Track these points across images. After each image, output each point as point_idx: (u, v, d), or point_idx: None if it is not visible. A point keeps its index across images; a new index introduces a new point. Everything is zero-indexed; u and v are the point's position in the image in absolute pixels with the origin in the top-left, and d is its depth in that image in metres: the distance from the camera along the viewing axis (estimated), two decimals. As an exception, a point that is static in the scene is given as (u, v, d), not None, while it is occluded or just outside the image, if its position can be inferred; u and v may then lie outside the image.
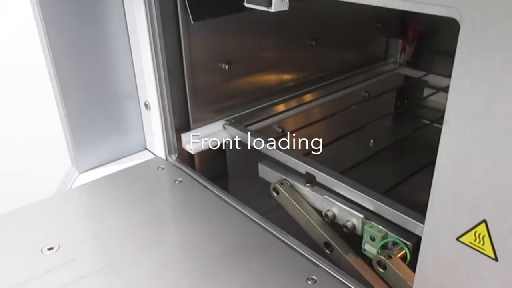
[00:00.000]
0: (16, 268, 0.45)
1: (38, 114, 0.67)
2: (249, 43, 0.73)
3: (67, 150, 0.62)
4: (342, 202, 0.53)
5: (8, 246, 0.49)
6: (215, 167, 0.62)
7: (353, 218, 0.51)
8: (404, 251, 0.46)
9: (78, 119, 0.60)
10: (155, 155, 0.67)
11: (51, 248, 0.48)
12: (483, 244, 0.31)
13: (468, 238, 0.31)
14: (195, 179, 0.59)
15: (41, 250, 0.47)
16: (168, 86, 0.62)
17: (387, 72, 0.97)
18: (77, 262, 0.45)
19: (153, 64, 0.59)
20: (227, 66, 0.70)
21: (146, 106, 0.64)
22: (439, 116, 0.29)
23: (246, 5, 0.47)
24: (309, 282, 0.42)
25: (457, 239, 0.32)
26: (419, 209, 0.35)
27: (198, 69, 0.66)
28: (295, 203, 0.55)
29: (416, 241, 0.45)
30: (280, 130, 0.76)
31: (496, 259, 0.30)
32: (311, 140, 0.74)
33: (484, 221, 0.30)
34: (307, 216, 0.55)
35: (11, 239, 0.50)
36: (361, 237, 0.50)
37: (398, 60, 0.99)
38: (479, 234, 0.31)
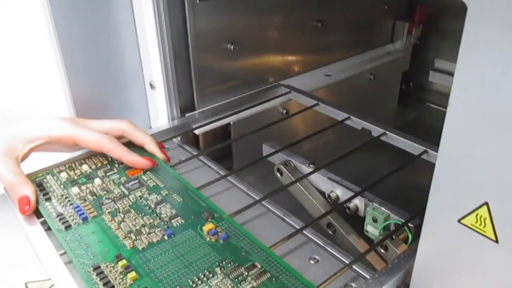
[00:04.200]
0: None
1: (43, 95, 0.67)
2: (255, 24, 0.73)
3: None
4: (345, 184, 0.53)
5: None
6: (219, 148, 0.63)
7: (356, 200, 0.51)
8: (405, 233, 0.47)
9: (83, 99, 0.60)
10: (160, 135, 0.67)
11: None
12: (484, 226, 0.31)
13: (469, 220, 0.32)
14: (200, 160, 0.59)
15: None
16: (173, 65, 0.62)
17: (392, 55, 0.97)
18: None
19: (159, 43, 0.59)
20: (232, 47, 0.70)
21: (151, 86, 0.64)
22: (444, 100, 0.29)
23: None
24: (312, 262, 0.43)
25: (459, 221, 0.32)
26: (422, 192, 0.36)
27: (203, 49, 0.66)
28: (298, 184, 0.56)
29: (417, 223, 0.46)
30: (285, 111, 0.76)
31: (496, 241, 0.31)
32: (315, 122, 0.75)
33: (486, 203, 0.30)
34: (310, 197, 0.56)
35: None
36: (364, 218, 0.51)
37: (404, 43, 0.98)
38: (481, 217, 0.31)
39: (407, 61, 1.01)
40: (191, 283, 0.37)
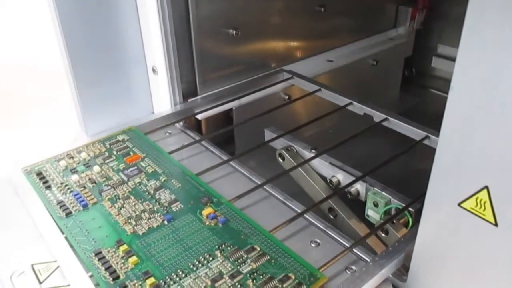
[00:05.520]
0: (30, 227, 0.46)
1: (46, 80, 0.68)
2: (257, 9, 0.73)
3: (76, 114, 0.63)
4: (346, 169, 0.54)
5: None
6: (221, 133, 0.63)
7: (357, 185, 0.51)
8: (406, 217, 0.47)
9: (86, 84, 0.60)
10: (162, 120, 0.67)
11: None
12: (484, 210, 0.31)
13: (469, 204, 0.32)
14: (202, 145, 0.59)
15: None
16: (175, 50, 0.62)
17: (395, 40, 0.96)
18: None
19: (161, 28, 0.59)
20: (234, 32, 0.69)
21: (154, 70, 0.64)
22: (447, 85, 0.29)
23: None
24: (313, 245, 0.43)
25: (459, 204, 0.33)
26: (423, 177, 0.36)
27: (205, 34, 0.66)
28: (300, 169, 0.56)
29: (418, 208, 0.46)
30: (287, 97, 0.76)
31: (496, 225, 0.31)
32: (318, 107, 0.75)
33: (486, 187, 0.30)
34: (312, 182, 0.56)
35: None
36: (365, 203, 0.51)
37: (407, 29, 0.98)
38: (481, 200, 0.31)
39: (410, 46, 1.00)
40: (191, 266, 0.38)
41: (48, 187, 0.48)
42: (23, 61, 0.68)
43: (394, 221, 0.47)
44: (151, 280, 0.37)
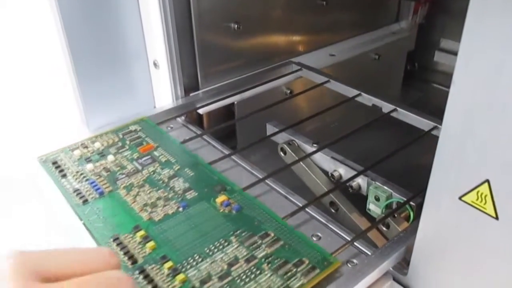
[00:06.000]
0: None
1: (46, 75, 0.68)
2: (258, 3, 0.72)
3: (77, 109, 0.63)
4: (348, 163, 0.54)
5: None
6: (223, 128, 0.63)
7: (359, 179, 0.52)
8: (407, 211, 0.47)
9: (87, 78, 0.60)
10: (164, 114, 0.67)
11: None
12: (484, 203, 0.31)
13: (470, 198, 0.32)
14: (204, 139, 0.59)
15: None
16: (177, 44, 0.62)
17: (398, 34, 0.96)
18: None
19: (162, 22, 0.59)
20: (236, 26, 0.69)
21: (155, 65, 0.64)
22: (449, 80, 0.29)
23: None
24: (314, 238, 0.44)
25: (460, 198, 0.33)
26: (425, 171, 0.36)
27: (206, 28, 0.66)
28: (302, 163, 0.56)
29: (419, 202, 0.46)
30: (289, 91, 0.76)
31: (496, 218, 0.31)
32: (319, 101, 0.75)
33: (487, 181, 0.31)
34: (314, 176, 0.56)
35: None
36: (366, 197, 0.51)
37: (409, 22, 0.97)
38: (481, 194, 0.31)
39: (413, 41, 1.00)
40: (207, 251, 0.39)
41: (64, 176, 0.49)
42: (22, 59, 0.68)
43: (395, 215, 0.47)
44: (169, 264, 0.38)
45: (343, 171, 0.54)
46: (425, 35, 0.99)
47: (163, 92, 0.66)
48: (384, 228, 0.47)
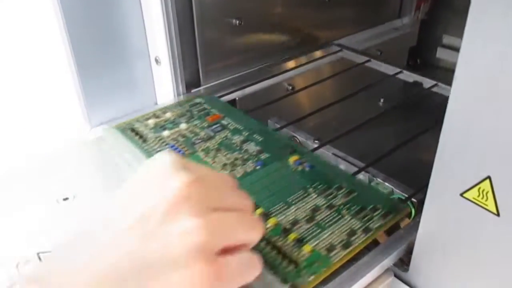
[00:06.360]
0: (32, 217, 0.47)
1: (47, 72, 0.68)
2: (260, -1, 0.72)
3: (78, 105, 0.63)
4: (349, 159, 0.54)
5: (24, 196, 0.50)
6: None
7: (360, 175, 0.51)
8: (409, 207, 0.47)
9: (88, 75, 0.60)
10: (165, 111, 0.67)
11: (66, 199, 0.50)
12: (486, 200, 0.31)
13: (471, 194, 0.32)
14: (205, 135, 0.59)
15: (57, 201, 0.49)
16: (178, 40, 0.61)
17: (400, 30, 0.96)
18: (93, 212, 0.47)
19: (163, 18, 0.59)
20: (237, 22, 0.69)
21: (157, 61, 0.64)
22: (452, 76, 0.29)
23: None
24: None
25: (461, 195, 0.33)
26: (426, 167, 0.36)
27: (208, 24, 0.66)
28: (303, 159, 0.56)
29: (421, 198, 0.46)
30: (291, 87, 0.76)
31: (498, 215, 0.31)
32: (321, 97, 0.75)
33: (489, 177, 0.30)
34: (315, 173, 0.56)
35: (27, 189, 0.51)
36: (368, 193, 0.51)
37: (412, 18, 0.97)
38: (483, 190, 0.31)
39: (415, 37, 0.99)
40: (290, 200, 0.44)
41: (144, 141, 0.52)
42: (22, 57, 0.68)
43: (397, 212, 0.47)
44: (260, 210, 0.42)
45: (344, 168, 0.54)
46: (427, 31, 0.99)
47: (165, 89, 0.66)
48: (386, 225, 0.47)
